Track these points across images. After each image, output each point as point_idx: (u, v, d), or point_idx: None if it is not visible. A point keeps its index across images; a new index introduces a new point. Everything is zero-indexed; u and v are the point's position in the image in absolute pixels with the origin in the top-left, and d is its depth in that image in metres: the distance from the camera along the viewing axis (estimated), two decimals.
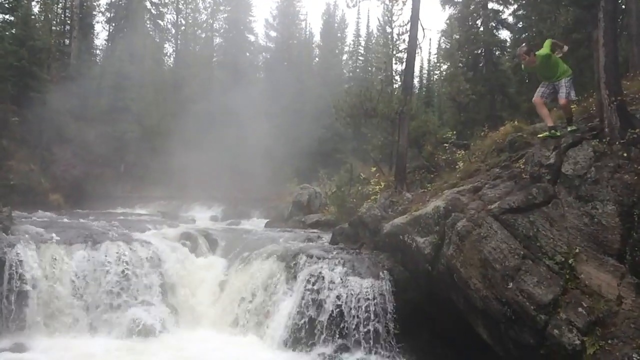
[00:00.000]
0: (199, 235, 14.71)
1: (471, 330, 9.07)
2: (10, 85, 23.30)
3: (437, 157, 16.00)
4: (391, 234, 11.11)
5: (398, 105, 15.34)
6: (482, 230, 8.64)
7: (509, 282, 8.03)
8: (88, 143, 30.57)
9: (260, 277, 11.76)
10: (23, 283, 10.16)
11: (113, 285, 11.26)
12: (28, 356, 9.33)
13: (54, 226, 12.70)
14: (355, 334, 9.85)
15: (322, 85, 42.77)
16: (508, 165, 10.64)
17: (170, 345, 10.39)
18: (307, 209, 24.11)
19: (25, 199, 21.05)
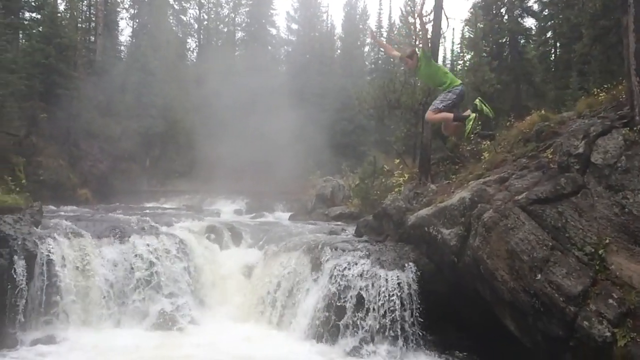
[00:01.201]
0: (224, 229, 14.83)
1: (498, 322, 9.00)
2: (39, 83, 23.71)
3: (461, 148, 15.83)
4: (416, 225, 11.06)
5: (421, 96, 15.23)
6: (509, 222, 8.54)
7: (537, 274, 7.94)
8: (114, 138, 30.97)
9: (286, 269, 11.83)
10: (54, 276, 10.37)
11: (141, 278, 11.45)
12: (59, 348, 9.54)
13: (83, 220, 12.92)
14: (380, 325, 9.85)
15: (344, 77, 42.62)
16: (535, 155, 10.49)
17: (197, 337, 10.52)
18: (330, 201, 24.15)
19: (54, 193, 21.44)
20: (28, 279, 9.87)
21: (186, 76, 39.89)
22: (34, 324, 9.98)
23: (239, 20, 50.12)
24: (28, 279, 9.86)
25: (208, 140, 32.51)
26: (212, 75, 37.60)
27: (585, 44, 19.58)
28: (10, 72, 20.21)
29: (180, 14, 47.56)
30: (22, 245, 10.02)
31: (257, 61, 42.10)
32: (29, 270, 9.90)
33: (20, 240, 10.09)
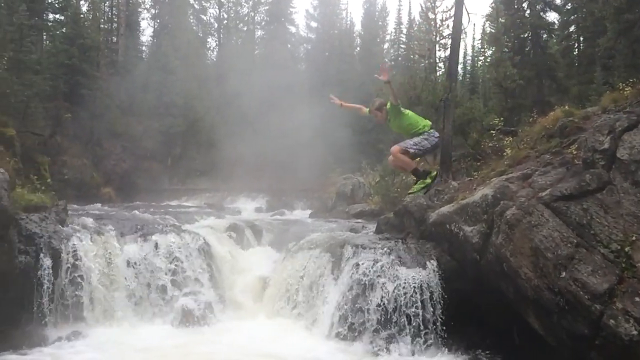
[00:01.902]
0: (245, 226, 14.93)
1: (521, 320, 8.89)
2: (63, 83, 24.10)
3: (483, 144, 15.68)
4: (437, 223, 10.97)
5: (442, 92, 15.12)
6: (533, 219, 8.43)
7: (562, 271, 7.82)
8: (136, 137, 31.37)
9: (307, 267, 11.83)
10: (79, 273, 10.52)
11: (164, 275, 11.57)
12: (84, 344, 9.64)
13: (106, 218, 13.10)
14: (402, 324, 9.80)
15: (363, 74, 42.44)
16: (559, 151, 10.34)
17: (220, 334, 10.58)
18: (350, 199, 24.14)
19: (78, 192, 21.79)
20: (54, 277, 10.02)
21: (206, 75, 40.18)
22: (60, 321, 10.13)
23: (259, 18, 50.33)
24: (54, 276, 10.02)
25: (228, 139, 32.73)
26: (232, 74, 37.80)
27: (609, 37, 19.23)
28: (35, 73, 20.57)
29: (201, 13, 47.94)
30: (48, 244, 10.18)
31: (277, 59, 42.21)
32: (55, 268, 10.05)
33: (46, 238, 10.26)
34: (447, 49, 17.39)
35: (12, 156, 12.89)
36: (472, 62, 46.43)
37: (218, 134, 34.00)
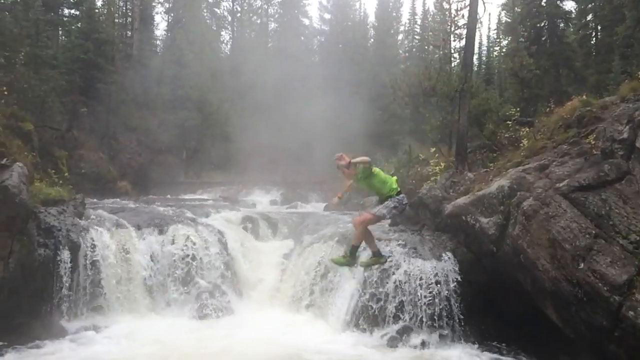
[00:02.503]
0: (260, 219, 14.99)
1: (539, 312, 8.83)
2: (79, 77, 24.30)
3: (499, 135, 15.50)
4: (453, 214, 10.92)
5: (458, 83, 14.96)
6: (551, 210, 8.36)
7: (580, 263, 7.75)
8: (151, 131, 31.51)
9: (322, 259, 11.86)
10: (97, 266, 10.66)
11: (181, 267, 11.68)
12: (103, 336, 9.80)
13: (123, 212, 13.22)
14: (418, 315, 9.79)
15: (377, 66, 42.22)
16: (577, 141, 10.22)
17: (236, 325, 10.66)
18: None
19: (95, 186, 21.98)
20: (72, 269, 10.16)
21: (220, 68, 40.20)
22: (79, 312, 10.29)
23: (272, 11, 50.19)
24: (72, 269, 10.16)
25: (243, 132, 32.79)
26: (246, 67, 37.81)
27: (628, 26, 18.89)
28: (52, 67, 20.76)
29: (214, 6, 47.93)
30: (67, 236, 10.32)
31: (290, 52, 42.12)
32: (73, 261, 10.20)
33: (65, 231, 10.40)
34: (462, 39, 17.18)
35: (30, 150, 13.02)
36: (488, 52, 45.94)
37: (232, 127, 34.06)
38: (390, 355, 9.01)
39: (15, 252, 9.30)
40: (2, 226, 9.22)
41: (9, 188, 9.33)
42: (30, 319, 9.44)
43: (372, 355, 9.02)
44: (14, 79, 15.16)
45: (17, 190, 9.43)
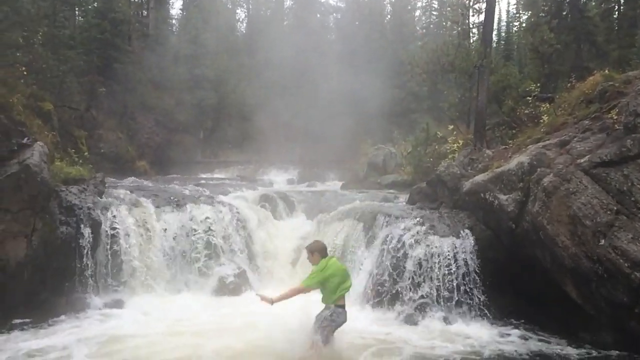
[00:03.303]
0: (277, 198, 15.02)
1: (558, 289, 8.78)
2: (96, 57, 24.41)
3: (518, 112, 15.31)
4: (471, 192, 10.85)
5: (477, 58, 14.73)
6: (571, 186, 8.26)
7: (601, 239, 7.67)
8: (168, 111, 31.68)
9: (340, 237, 11.89)
10: (118, 243, 10.81)
11: (199, 245, 11.79)
12: (125, 312, 9.94)
13: (143, 190, 13.33)
14: (436, 292, 9.80)
15: (394, 43, 41.79)
16: (599, 116, 10.02)
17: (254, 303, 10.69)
18: (382, 169, 23.99)
19: (114, 165, 22.24)
20: (94, 247, 10.32)
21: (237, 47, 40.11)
22: (102, 289, 10.45)
23: None
24: (94, 246, 10.31)
25: (259, 111, 32.80)
26: (262, 46, 37.66)
27: None
28: (69, 48, 20.86)
29: None
30: (88, 214, 10.45)
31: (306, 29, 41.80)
32: (95, 238, 10.34)
33: (86, 209, 10.52)
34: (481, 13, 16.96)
35: (50, 130, 13.13)
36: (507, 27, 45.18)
37: (249, 106, 34.09)
38: (409, 332, 9.02)
39: (38, 229, 9.46)
40: (24, 204, 9.38)
41: (31, 167, 9.46)
42: (54, 296, 9.64)
43: (391, 331, 9.05)
44: (32, 59, 15.23)
45: (39, 169, 9.57)
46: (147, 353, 7.74)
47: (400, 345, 8.39)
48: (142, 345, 8.06)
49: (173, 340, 8.28)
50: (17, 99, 11.24)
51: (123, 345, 8.06)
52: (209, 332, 8.74)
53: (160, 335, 8.57)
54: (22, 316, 9.00)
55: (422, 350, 8.21)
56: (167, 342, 8.18)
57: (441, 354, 8.04)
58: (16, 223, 9.29)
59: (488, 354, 8.05)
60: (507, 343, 8.56)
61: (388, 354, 7.99)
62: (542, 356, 7.99)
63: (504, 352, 8.14)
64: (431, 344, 8.43)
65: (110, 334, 8.61)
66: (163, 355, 7.64)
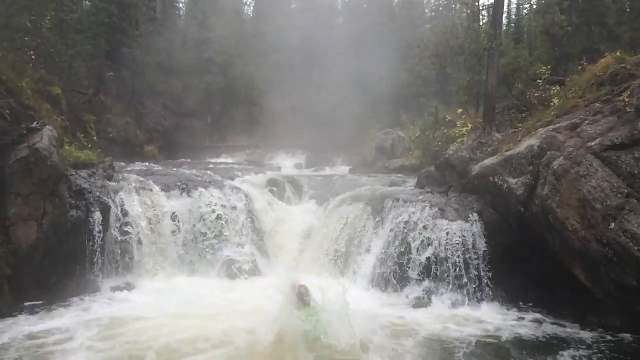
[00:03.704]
0: (285, 182, 15.04)
1: (566, 272, 8.77)
2: (104, 42, 24.34)
3: (529, 95, 15.12)
4: (480, 175, 10.81)
5: (487, 41, 14.56)
6: (582, 169, 8.20)
7: (611, 223, 7.63)
8: (176, 96, 31.64)
9: (348, 221, 11.91)
10: (127, 227, 10.88)
11: (208, 229, 11.86)
12: (135, 294, 10.08)
13: (152, 175, 13.37)
14: (444, 276, 9.81)
15: (403, 27, 41.34)
16: (610, 99, 9.91)
17: (264, 286, 10.77)
18: (390, 154, 23.93)
19: (123, 150, 22.27)
20: (104, 230, 10.38)
21: (244, 31, 39.88)
22: (113, 271, 10.57)
23: None
24: (104, 230, 10.37)
25: (267, 96, 32.71)
26: (270, 29, 37.43)
27: None
28: (77, 32, 20.80)
29: None
30: (98, 198, 10.51)
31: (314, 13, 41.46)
32: (105, 222, 10.40)
33: (96, 193, 10.58)
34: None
35: (59, 114, 13.13)
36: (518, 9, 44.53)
37: (257, 91, 33.98)
38: (417, 314, 9.07)
39: (49, 213, 9.53)
40: (35, 188, 9.45)
41: (40, 151, 9.51)
42: (65, 279, 9.73)
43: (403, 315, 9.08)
44: (40, 44, 15.23)
45: (48, 153, 9.61)
46: (153, 335, 7.80)
47: (414, 327, 8.43)
48: (148, 328, 8.15)
49: (180, 322, 8.35)
50: (26, 84, 11.26)
51: (128, 328, 8.14)
52: (217, 314, 8.81)
53: (167, 317, 8.65)
54: (33, 299, 9.09)
55: (437, 332, 8.25)
56: (173, 325, 8.25)
57: (457, 337, 8.06)
58: (27, 207, 9.38)
59: (506, 338, 8.06)
60: (522, 327, 8.57)
61: (404, 336, 8.04)
62: (559, 340, 7.99)
63: (522, 335, 8.14)
64: (444, 327, 8.47)
65: (117, 316, 8.72)
66: (169, 338, 7.69)
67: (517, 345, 7.80)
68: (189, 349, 7.30)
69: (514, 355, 7.46)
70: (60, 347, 7.38)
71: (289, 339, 6.89)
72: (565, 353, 7.38)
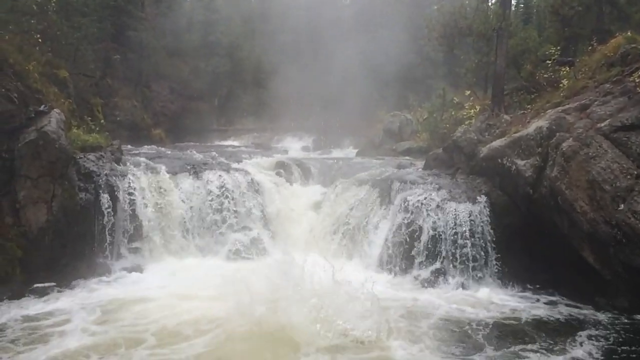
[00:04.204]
0: (292, 165, 15.03)
1: (575, 254, 8.76)
2: (110, 25, 24.27)
3: (538, 76, 15.00)
4: (488, 157, 10.77)
5: (495, 21, 14.39)
6: (591, 150, 8.15)
7: (620, 204, 7.60)
8: (183, 79, 31.59)
9: (355, 203, 11.91)
10: (136, 209, 10.94)
11: (216, 211, 11.90)
12: (144, 276, 10.16)
13: (159, 157, 13.41)
14: (452, 258, 9.83)
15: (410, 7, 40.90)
16: (620, 79, 9.80)
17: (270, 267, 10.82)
18: (398, 136, 23.83)
19: (130, 133, 22.30)
20: (113, 213, 10.44)
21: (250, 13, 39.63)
22: (121, 254, 10.63)
23: None
24: (113, 212, 10.44)
25: (274, 78, 32.55)
26: (276, 11, 37.13)
27: None
28: (83, 15, 20.73)
29: None
30: (106, 181, 10.57)
31: None
32: (113, 204, 10.46)
33: (104, 176, 10.64)
34: None
35: (66, 97, 13.15)
36: None
37: (264, 73, 33.85)
38: (427, 296, 9.10)
39: (58, 196, 9.60)
40: (43, 171, 9.51)
41: (49, 134, 9.55)
42: (75, 261, 9.81)
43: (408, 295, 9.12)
44: (46, 27, 15.20)
45: (56, 135, 9.65)
46: (155, 317, 7.79)
47: (427, 309, 8.44)
48: (151, 309, 8.18)
49: (184, 303, 8.34)
50: (33, 67, 11.25)
51: (129, 310, 8.14)
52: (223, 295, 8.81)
53: (172, 298, 8.65)
54: (43, 281, 9.16)
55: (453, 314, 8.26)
56: (177, 306, 8.25)
57: (472, 318, 8.05)
58: (36, 189, 9.45)
59: (525, 319, 8.04)
60: (537, 308, 8.58)
61: (418, 317, 8.06)
62: (576, 321, 7.98)
63: (541, 317, 8.12)
64: (458, 309, 8.50)
65: (120, 298, 8.78)
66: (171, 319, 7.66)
67: (535, 326, 7.76)
68: (190, 330, 7.30)
69: (534, 337, 7.37)
70: (58, 329, 7.38)
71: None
72: (583, 334, 7.35)
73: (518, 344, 7.10)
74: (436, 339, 7.24)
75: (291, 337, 6.83)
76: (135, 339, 7.07)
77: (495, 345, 7.06)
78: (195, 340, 7.01)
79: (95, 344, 6.89)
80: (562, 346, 6.95)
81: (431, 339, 7.19)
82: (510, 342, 7.17)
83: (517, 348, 6.94)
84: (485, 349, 6.91)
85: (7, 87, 9.83)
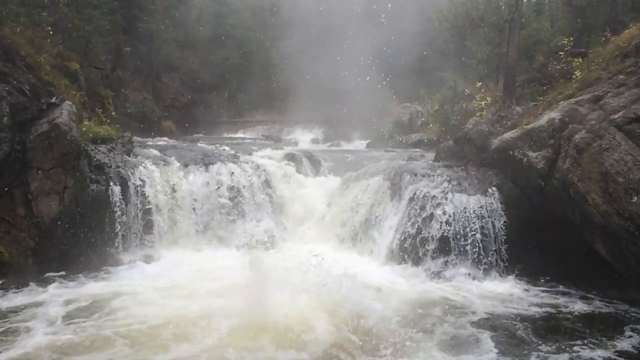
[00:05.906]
0: (302, 156, 15.03)
1: (586, 247, 8.70)
2: (120, 17, 24.30)
3: (550, 67, 14.85)
4: (500, 149, 10.70)
5: (507, 12, 14.27)
6: (604, 142, 8.07)
7: (633, 196, 7.54)
8: (193, 71, 31.62)
9: (365, 195, 11.91)
10: (146, 201, 11.00)
11: (226, 202, 11.94)
12: (155, 266, 10.20)
13: (170, 149, 13.46)
14: (462, 249, 9.80)
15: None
16: (634, 71, 9.66)
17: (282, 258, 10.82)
18: (408, 128, 23.78)
19: (141, 125, 22.35)
20: (124, 204, 10.52)
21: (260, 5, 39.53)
22: (133, 244, 10.71)
23: None
24: (124, 203, 10.51)
25: (284, 70, 32.51)
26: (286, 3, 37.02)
27: None
28: (93, 7, 20.78)
29: None
30: (117, 173, 10.64)
31: None
32: (124, 196, 10.54)
33: (115, 168, 10.72)
34: None
35: (77, 90, 13.23)
36: None
37: (273, 65, 33.81)
38: (435, 288, 9.09)
39: (70, 187, 9.68)
40: (55, 162, 9.59)
41: (60, 126, 9.61)
42: (87, 251, 9.88)
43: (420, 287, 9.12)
44: (58, 19, 15.26)
45: (68, 127, 9.72)
46: (155, 310, 7.62)
47: (444, 302, 8.36)
48: (150, 302, 8.01)
49: (190, 296, 8.22)
50: (45, 59, 11.32)
51: (113, 305, 7.78)
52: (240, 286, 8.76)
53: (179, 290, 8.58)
54: (56, 271, 9.24)
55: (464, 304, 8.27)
56: (183, 298, 8.14)
57: (501, 313, 7.91)
58: (48, 181, 9.53)
59: (537, 312, 7.93)
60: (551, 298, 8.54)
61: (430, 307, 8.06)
62: (607, 315, 7.85)
63: (575, 310, 7.98)
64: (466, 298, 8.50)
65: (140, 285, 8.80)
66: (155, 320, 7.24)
67: (568, 320, 7.65)
68: (202, 323, 7.13)
69: (571, 330, 7.26)
70: (24, 325, 6.97)
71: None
72: (626, 328, 7.21)
73: (543, 337, 6.98)
74: (447, 330, 7.19)
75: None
76: (106, 341, 6.56)
77: (507, 342, 6.95)
78: (205, 333, 6.88)
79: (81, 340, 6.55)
80: (573, 340, 6.88)
81: (443, 330, 7.15)
82: (526, 337, 7.05)
83: (534, 343, 6.83)
84: (490, 345, 6.77)
85: (19, 80, 9.91)
